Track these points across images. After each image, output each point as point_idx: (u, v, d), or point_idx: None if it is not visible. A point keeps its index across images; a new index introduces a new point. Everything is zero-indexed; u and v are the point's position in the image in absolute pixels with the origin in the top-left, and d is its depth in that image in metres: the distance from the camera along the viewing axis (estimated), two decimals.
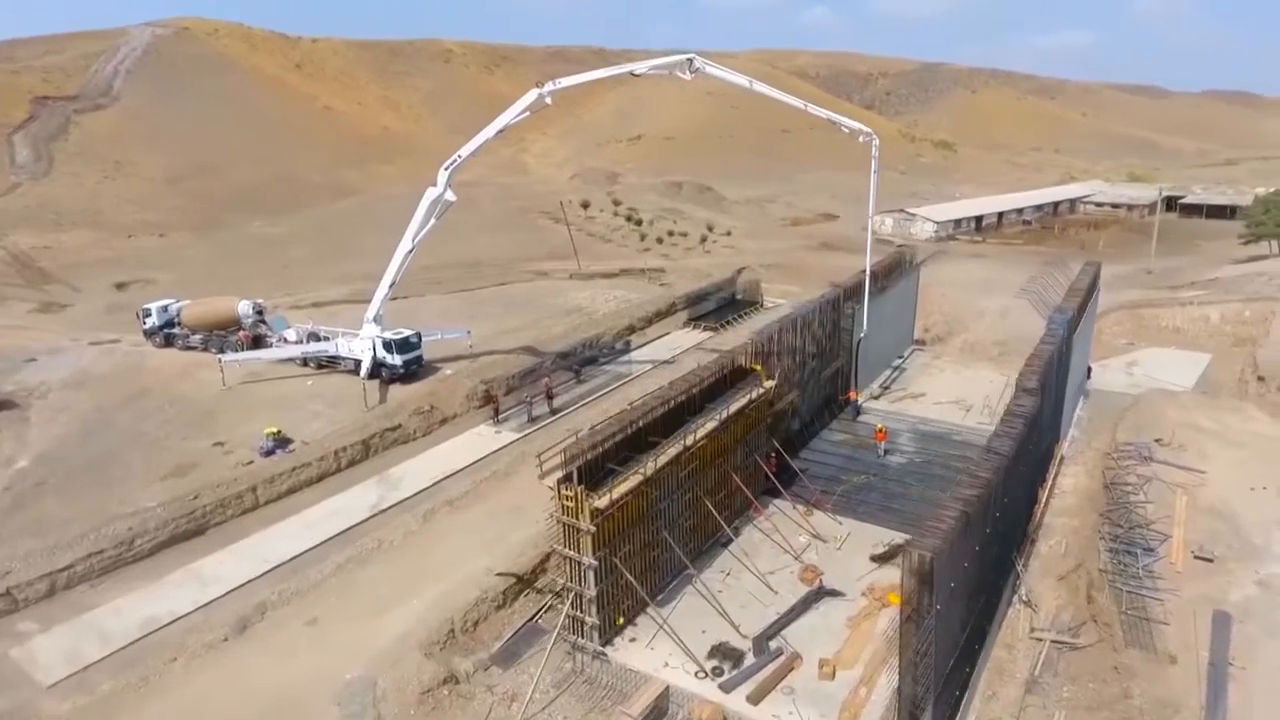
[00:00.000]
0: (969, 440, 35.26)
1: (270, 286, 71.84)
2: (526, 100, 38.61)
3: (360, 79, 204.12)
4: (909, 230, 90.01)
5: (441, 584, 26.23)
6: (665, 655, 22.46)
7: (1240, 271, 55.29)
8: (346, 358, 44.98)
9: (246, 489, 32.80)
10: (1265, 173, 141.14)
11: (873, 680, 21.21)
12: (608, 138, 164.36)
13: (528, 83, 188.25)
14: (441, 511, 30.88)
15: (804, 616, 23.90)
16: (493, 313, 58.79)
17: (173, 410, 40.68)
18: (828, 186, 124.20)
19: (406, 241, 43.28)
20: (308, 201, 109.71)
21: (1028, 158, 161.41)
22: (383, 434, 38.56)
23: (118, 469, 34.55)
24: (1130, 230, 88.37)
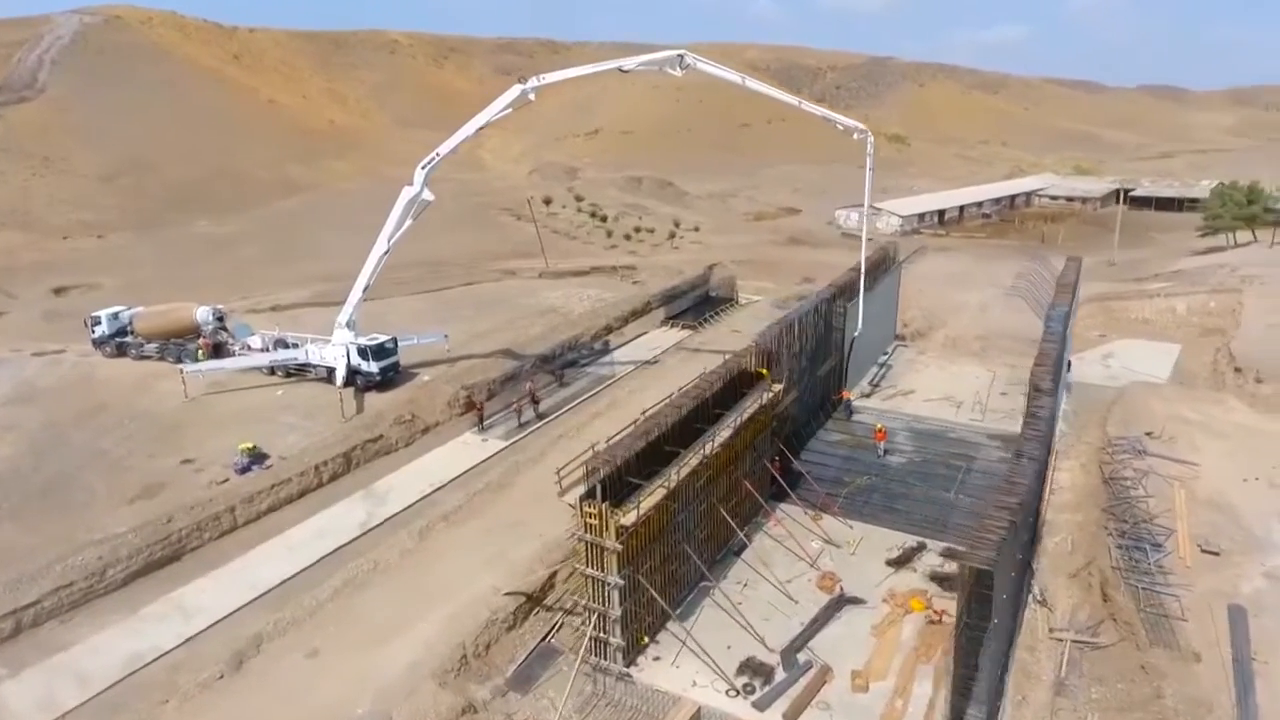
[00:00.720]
0: (965, 438, 35.40)
1: (223, 289, 68.55)
2: (509, 96, 37.29)
3: (303, 71, 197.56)
4: (874, 225, 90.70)
5: (447, 606, 24.99)
6: (692, 674, 21.74)
7: (1202, 263, 57.13)
8: (318, 365, 43.00)
9: (224, 510, 30.93)
10: (1201, 165, 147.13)
11: (907, 691, 20.84)
12: (565, 132, 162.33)
13: (478, 75, 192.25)
14: (438, 528, 29.54)
15: (828, 626, 23.42)
16: (465, 314, 57.15)
17: (133, 426, 38.26)
18: (788, 180, 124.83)
19: (381, 243, 41.52)
20: (255, 199, 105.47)
21: (977, 151, 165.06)
22: (364, 446, 36.90)
23: (79, 492, 32.24)
24: (1086, 222, 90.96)
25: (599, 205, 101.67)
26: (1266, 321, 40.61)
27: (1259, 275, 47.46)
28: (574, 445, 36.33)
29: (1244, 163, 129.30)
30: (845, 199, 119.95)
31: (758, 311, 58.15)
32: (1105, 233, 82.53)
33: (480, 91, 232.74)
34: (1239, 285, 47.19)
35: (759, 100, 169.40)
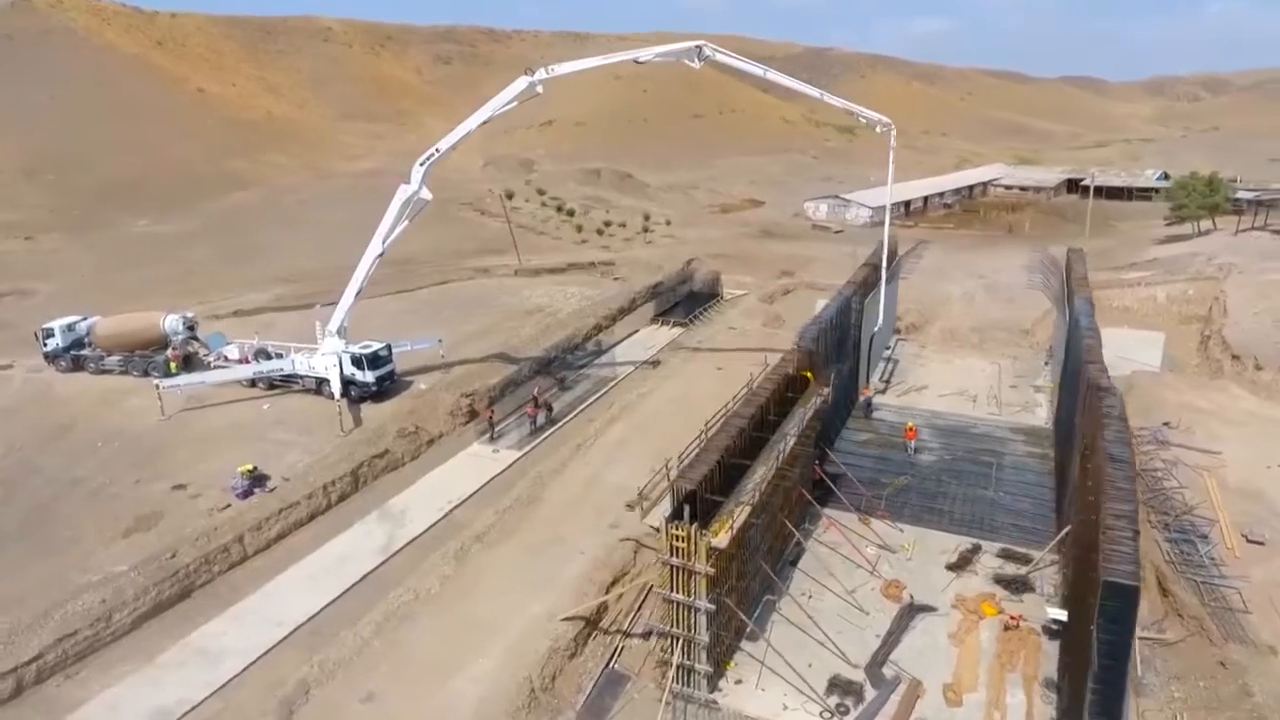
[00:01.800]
0: (988, 433, 35.47)
1: (176, 294, 64.28)
2: (515, 89, 35.52)
3: (231, 59, 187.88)
4: (844, 216, 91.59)
5: (503, 636, 23.50)
6: (780, 697, 20.87)
7: (1175, 252, 59.19)
8: (306, 376, 40.43)
9: (232, 539, 28.56)
10: (1134, 154, 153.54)
11: (1001, 702, 20.44)
12: (516, 123, 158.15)
13: (417, 64, 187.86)
14: (473, 549, 27.87)
15: (905, 637, 22.87)
16: (448, 316, 54.87)
17: (109, 449, 35.22)
18: (745, 172, 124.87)
19: (376, 244, 39.20)
20: (196, 195, 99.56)
21: (921, 141, 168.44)
22: (370, 462, 34.78)
23: (62, 527, 29.33)
24: (1044, 212, 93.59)
25: (559, 199, 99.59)
26: (1253, 309, 42.10)
27: (1235, 264, 49.36)
28: (596, 455, 35.18)
29: (1173, 152, 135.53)
30: (804, 190, 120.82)
31: (749, 308, 57.67)
32: (1064, 222, 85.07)
33: (420, 82, 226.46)
34: (1216, 273, 48.93)
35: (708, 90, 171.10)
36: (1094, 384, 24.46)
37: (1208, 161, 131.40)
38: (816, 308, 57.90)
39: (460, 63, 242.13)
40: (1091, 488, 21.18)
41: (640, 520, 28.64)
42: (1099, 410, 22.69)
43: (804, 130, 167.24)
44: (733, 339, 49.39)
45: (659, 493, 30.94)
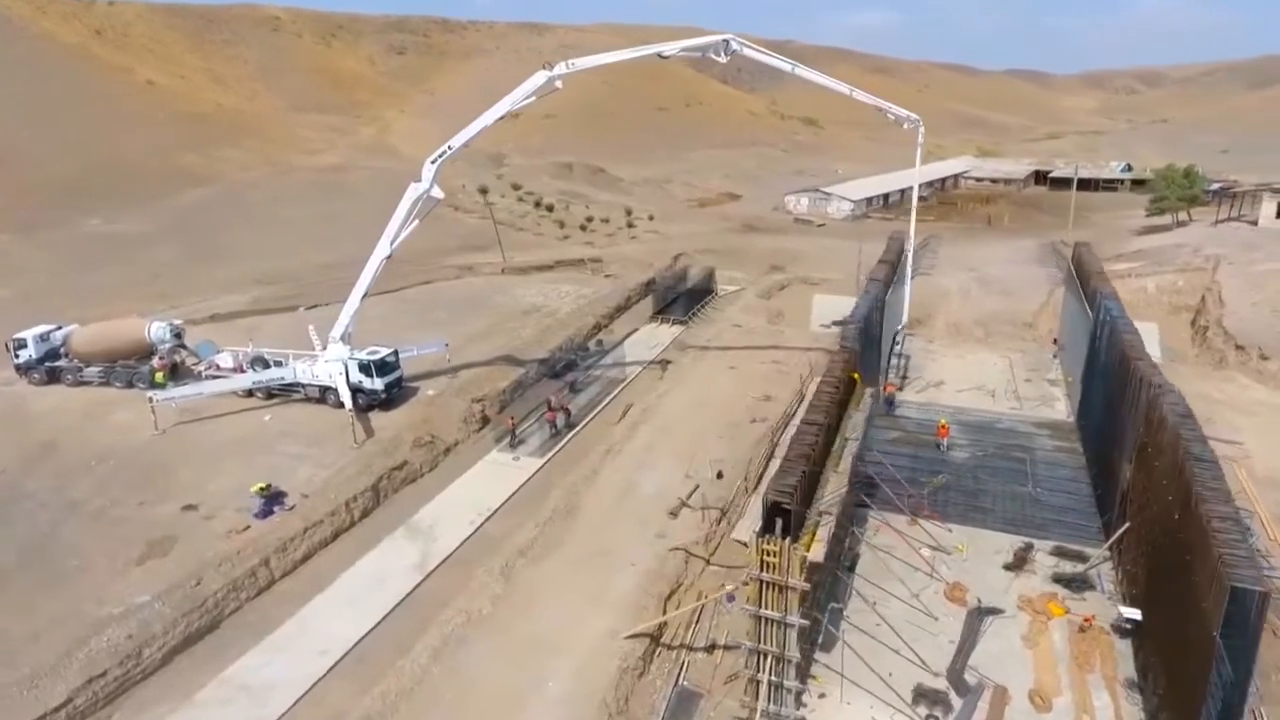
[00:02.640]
0: (1014, 428, 35.64)
1: (144, 298, 61.31)
2: (534, 84, 34.32)
3: (175, 49, 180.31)
4: (825, 209, 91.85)
5: (568, 657, 22.56)
6: (867, 710, 20.42)
7: (1160, 243, 60.69)
8: (309, 384, 38.64)
9: (258, 563, 26.97)
10: (1090, 146, 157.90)
11: (1088, 705, 20.33)
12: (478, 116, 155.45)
13: (369, 55, 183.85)
14: (519, 565, 26.78)
15: (979, 641, 22.64)
16: (441, 318, 53.31)
17: (103, 468, 33.04)
18: (717, 165, 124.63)
19: (384, 245, 37.63)
20: (150, 192, 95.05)
21: (885, 133, 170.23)
22: (390, 474, 33.34)
23: (67, 555, 27.34)
24: (1016, 204, 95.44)
25: (535, 194, 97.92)
26: (1250, 300, 43.28)
27: (1224, 254, 50.76)
28: (625, 461, 34.25)
29: (1126, 144, 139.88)
30: (777, 184, 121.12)
31: (748, 304, 57.28)
32: (1037, 213, 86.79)
33: (374, 73, 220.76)
34: (1204, 264, 50.23)
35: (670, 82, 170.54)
36: (1148, 380, 24.53)
37: (1161, 153, 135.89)
38: (814, 303, 58.18)
39: (415, 53, 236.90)
40: (1166, 487, 21.20)
41: (706, 529, 27.98)
42: (1160, 409, 22.72)
43: (770, 123, 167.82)
44: (739, 337, 48.89)
45: (699, 499, 30.43)
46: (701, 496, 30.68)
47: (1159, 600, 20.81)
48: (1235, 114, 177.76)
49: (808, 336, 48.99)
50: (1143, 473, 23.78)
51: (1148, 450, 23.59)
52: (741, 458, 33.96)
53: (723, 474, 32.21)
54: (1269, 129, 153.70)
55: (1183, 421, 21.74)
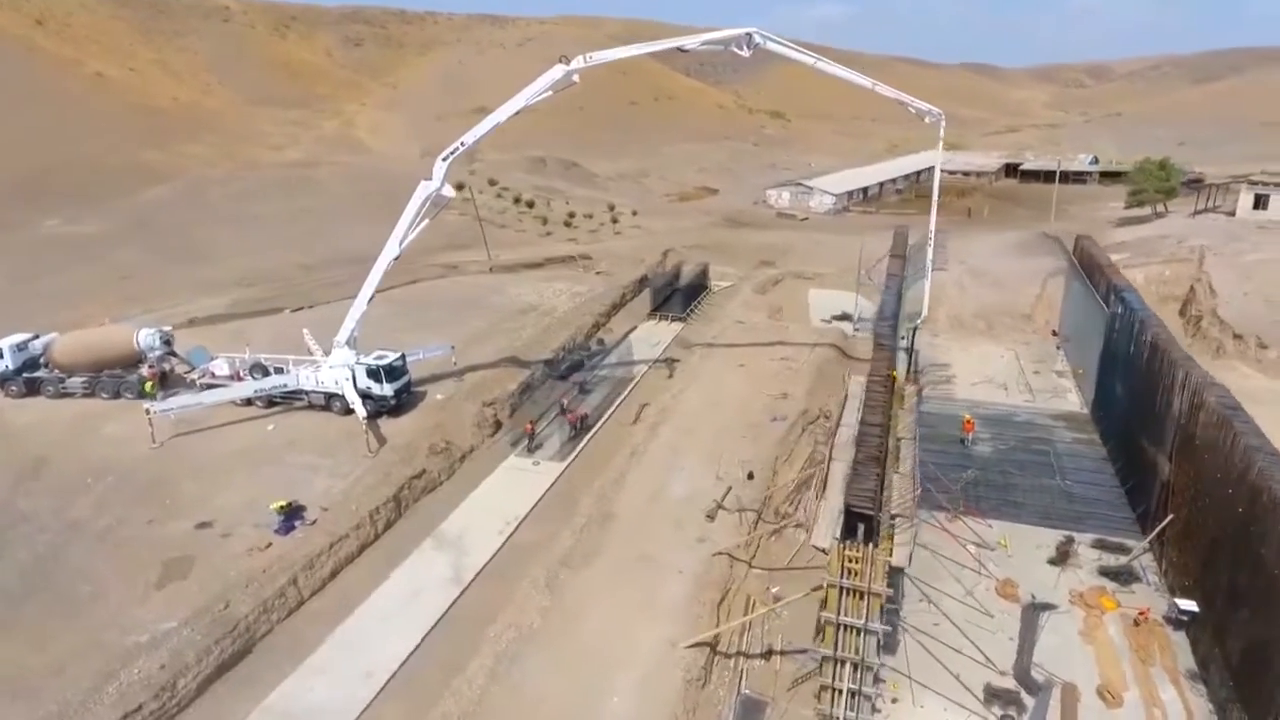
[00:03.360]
0: (1032, 420, 35.98)
1: (115, 301, 58.60)
2: (552, 76, 33.41)
3: (122, 40, 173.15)
4: (807, 203, 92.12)
5: (628, 670, 21.98)
6: (941, 713, 20.27)
7: (1143, 234, 62.06)
8: (313, 392, 37.22)
9: (286, 582, 25.78)
10: (1051, 139, 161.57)
11: (1156, 699, 20.47)
12: (445, 110, 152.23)
13: (326, 46, 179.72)
14: (561, 575, 26.06)
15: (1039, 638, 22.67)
16: (436, 319, 51.89)
17: (102, 485, 31.33)
18: (691, 159, 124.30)
19: (393, 246, 36.43)
20: (110, 190, 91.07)
21: (851, 127, 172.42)
22: (410, 483, 32.25)
23: (78, 580, 25.81)
24: (992, 196, 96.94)
25: (510, 190, 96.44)
26: (1241, 290, 44.45)
27: (1209, 245, 52.14)
28: (651, 463, 33.65)
29: (1084, 137, 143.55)
30: (752, 177, 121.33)
31: (747, 299, 57.02)
32: (1013, 206, 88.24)
33: (331, 65, 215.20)
34: (1189, 255, 51.51)
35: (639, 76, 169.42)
36: (1189, 374, 24.81)
37: (1118, 146, 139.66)
38: (810, 298, 58.24)
39: (373, 45, 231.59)
40: (1222, 480, 21.44)
41: (745, 531, 27.56)
42: (1207, 402, 22.98)
43: (738, 116, 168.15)
44: (743, 334, 48.63)
45: (732, 500, 30.07)
46: (736, 499, 30.33)
47: (1220, 592, 21.03)
48: (1182, 108, 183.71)
49: (811, 332, 48.98)
50: (1188, 466, 24.04)
51: (1194, 444, 23.85)
52: (766, 457, 33.70)
53: (753, 475, 31.90)
54: (1216, 123, 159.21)
55: (1234, 414, 21.99)
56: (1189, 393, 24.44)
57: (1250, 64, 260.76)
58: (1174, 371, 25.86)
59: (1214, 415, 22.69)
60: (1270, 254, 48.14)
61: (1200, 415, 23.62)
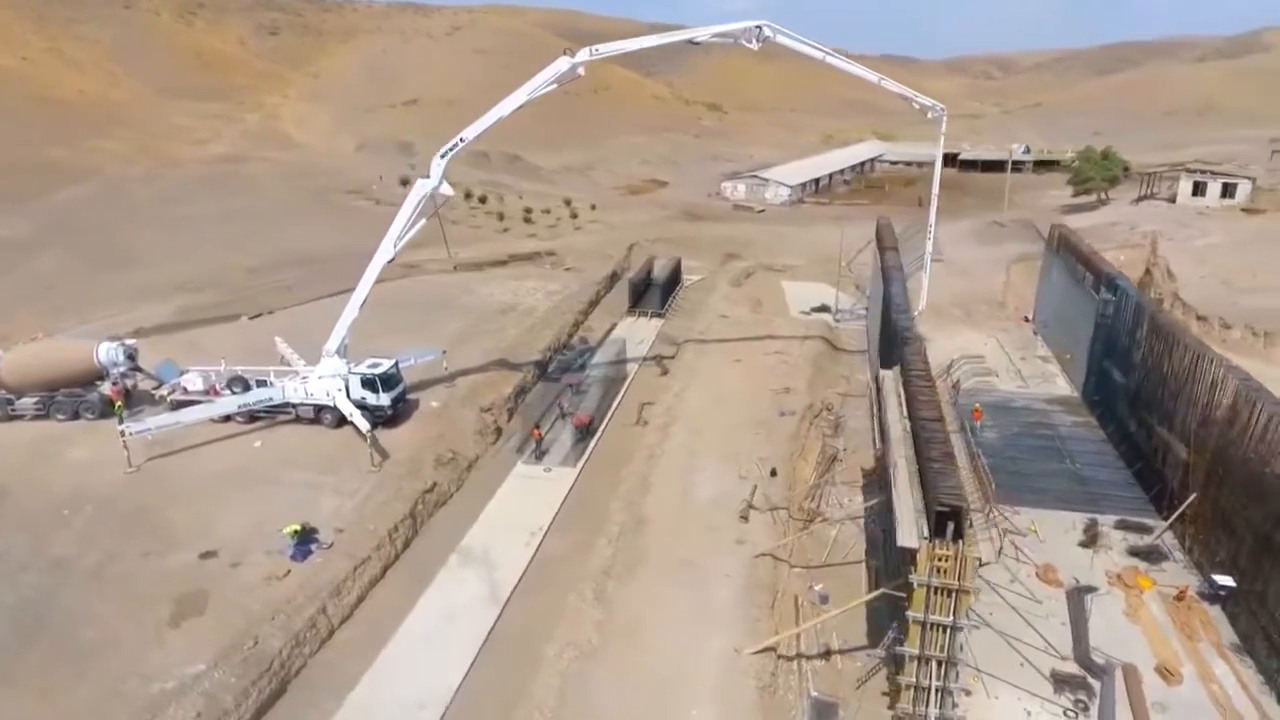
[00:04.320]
0: (1028, 406, 37.01)
1: (42, 312, 54.02)
2: (555, 70, 32.37)
3: (12, 27, 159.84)
4: (763, 195, 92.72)
5: (699, 681, 21.47)
6: (1015, 702, 20.53)
7: (1095, 221, 64.88)
8: (301, 404, 35.15)
9: (315, 611, 24.18)
10: (976, 129, 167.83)
11: (1210, 672, 21.30)
12: (375, 102, 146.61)
13: (239, 35, 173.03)
14: (608, 587, 25.30)
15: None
16: (411, 321, 49.80)
17: (81, 517, 28.78)
18: (634, 152, 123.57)
19: (387, 248, 34.69)
20: (17, 191, 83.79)
21: (785, 118, 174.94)
22: (423, 498, 30.81)
23: (80, 625, 23.55)
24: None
25: (461, 185, 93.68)
26: (1198, 274, 47.00)
27: (1160, 231, 54.97)
28: (670, 466, 33.07)
29: (1007, 127, 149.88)
30: (696, 169, 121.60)
31: (725, 293, 56.93)
32: (960, 195, 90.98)
33: (247, 55, 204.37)
34: (1142, 240, 54.21)
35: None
36: (1210, 359, 25.88)
37: (1041, 136, 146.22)
38: (786, 290, 58.63)
39: (290, 33, 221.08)
40: (1255, 460, 22.44)
41: (779, 530, 27.35)
42: (1230, 385, 24.02)
43: (675, 108, 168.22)
44: (731, 328, 48.54)
45: (760, 499, 29.88)
46: (764, 498, 30.15)
47: (1256, 566, 22.03)
48: (1090, 99, 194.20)
49: (796, 324, 49.27)
50: (1213, 446, 25.05)
51: (1217, 425, 24.89)
52: (783, 453, 33.66)
53: (776, 472, 31.80)
54: (1123, 113, 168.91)
55: (1260, 395, 23.02)
56: (1209, 377, 25.47)
57: (1143, 57, 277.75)
58: (1187, 356, 26.94)
59: (1239, 397, 23.71)
60: (1218, 239, 51.18)
61: (1222, 397, 24.66)
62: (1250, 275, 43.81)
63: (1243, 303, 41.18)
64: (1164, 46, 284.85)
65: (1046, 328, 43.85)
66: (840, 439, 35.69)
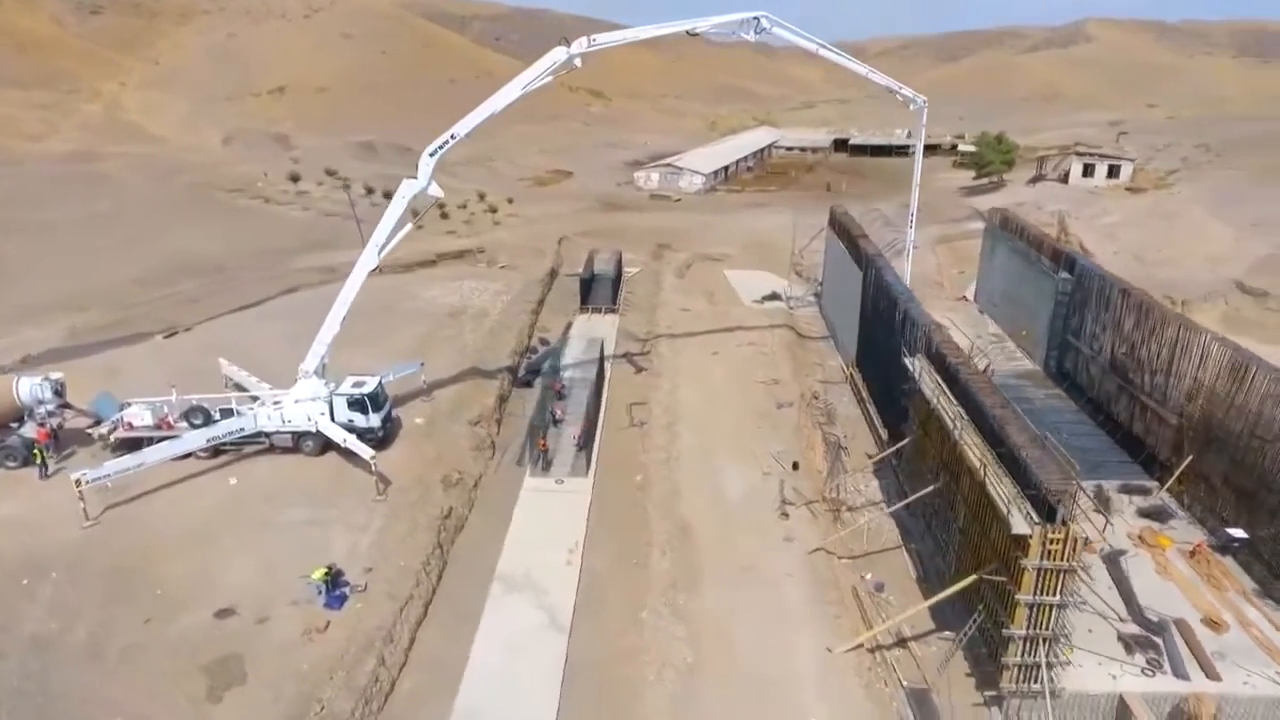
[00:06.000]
0: (1003, 383, 38.94)
1: None
2: (550, 60, 31.03)
3: None
4: (677, 184, 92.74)
5: (804, 685, 21.35)
6: (1096, 668, 21.63)
7: (1001, 202, 68.59)
8: (277, 433, 31.88)
9: (376, 664, 22.04)
10: (848, 115, 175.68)
11: (1245, 618, 23.48)
12: (232, 89, 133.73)
13: (54, 14, 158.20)
14: (679, 599, 24.63)
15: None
16: (360, 331, 45.34)
17: (48, 586, 24.96)
18: (529, 141, 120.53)
19: (371, 256, 32.06)
20: None
21: (668, 105, 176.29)
22: (443, 525, 28.78)
23: (96, 711, 20.27)
24: (838, 170, 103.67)
25: (355, 180, 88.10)
26: (1111, 249, 51.55)
27: (1066, 210, 59.71)
28: (690, 466, 32.68)
29: (877, 111, 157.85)
30: (595, 157, 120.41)
31: (675, 285, 56.67)
32: (857, 179, 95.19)
33: (69, 37, 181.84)
34: (1050, 220, 58.79)
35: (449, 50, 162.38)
36: (1198, 331, 28.39)
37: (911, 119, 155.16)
38: (731, 280, 59.12)
39: (115, 13, 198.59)
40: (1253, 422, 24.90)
41: (822, 524, 27.54)
42: (1215, 355, 26.57)
43: (561, 95, 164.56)
44: (695, 321, 48.47)
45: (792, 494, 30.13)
46: (795, 491, 30.38)
47: (1260, 517, 24.54)
48: (945, 85, 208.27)
49: (757, 314, 49.92)
50: (1207, 411, 27.52)
51: (1209, 392, 27.38)
52: (794, 445, 34.06)
53: (798, 465, 32.10)
54: (979, 99, 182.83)
55: (1253, 359, 25.53)
56: (1198, 347, 27.95)
57: (979, 46, 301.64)
58: (1170, 329, 29.45)
59: (1234, 364, 26.20)
60: (1121, 217, 56.40)
61: (1212, 367, 27.15)
62: (1157, 250, 48.90)
63: (1157, 275, 45.74)
64: (996, 36, 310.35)
65: (996, 307, 46.65)
66: (837, 427, 36.52)
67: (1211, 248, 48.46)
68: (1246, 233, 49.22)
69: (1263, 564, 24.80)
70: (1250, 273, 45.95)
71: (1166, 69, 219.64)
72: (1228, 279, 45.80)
